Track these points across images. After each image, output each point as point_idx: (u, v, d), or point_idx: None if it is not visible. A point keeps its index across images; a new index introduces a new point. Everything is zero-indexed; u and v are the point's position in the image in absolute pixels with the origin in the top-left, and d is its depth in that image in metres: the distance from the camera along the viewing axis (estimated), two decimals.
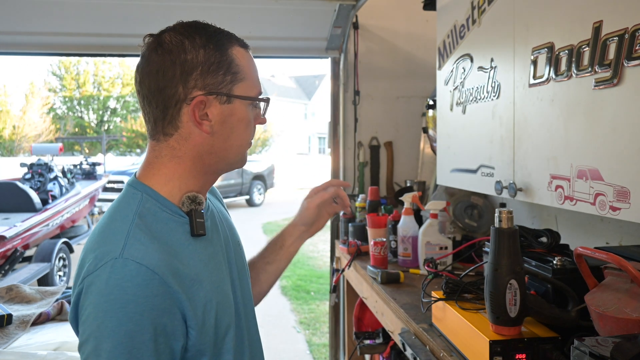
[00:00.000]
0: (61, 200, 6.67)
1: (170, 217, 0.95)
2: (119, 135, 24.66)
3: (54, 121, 25.91)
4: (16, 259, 5.40)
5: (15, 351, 1.78)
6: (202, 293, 0.92)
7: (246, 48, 1.02)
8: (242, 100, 0.98)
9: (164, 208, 0.95)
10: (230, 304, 1.00)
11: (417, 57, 3.08)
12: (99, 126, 27.51)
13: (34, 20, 2.66)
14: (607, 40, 1.15)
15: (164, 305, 0.85)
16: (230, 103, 0.97)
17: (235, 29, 1.06)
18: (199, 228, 0.96)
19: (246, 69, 0.99)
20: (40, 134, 24.10)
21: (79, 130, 26.95)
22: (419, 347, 1.40)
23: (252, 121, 1.03)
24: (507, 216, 1.10)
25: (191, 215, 0.96)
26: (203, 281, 0.93)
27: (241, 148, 1.02)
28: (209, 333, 0.93)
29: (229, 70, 0.96)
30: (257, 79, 1.03)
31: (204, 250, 0.97)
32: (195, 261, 0.94)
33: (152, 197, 0.95)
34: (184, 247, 0.93)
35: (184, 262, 0.91)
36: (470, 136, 1.86)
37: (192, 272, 0.92)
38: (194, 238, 0.96)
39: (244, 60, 0.99)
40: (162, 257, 0.88)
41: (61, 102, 27.62)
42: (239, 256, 1.13)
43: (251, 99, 1.00)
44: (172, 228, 0.94)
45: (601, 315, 1.02)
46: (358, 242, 2.38)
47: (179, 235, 0.94)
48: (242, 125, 1.00)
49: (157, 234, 0.91)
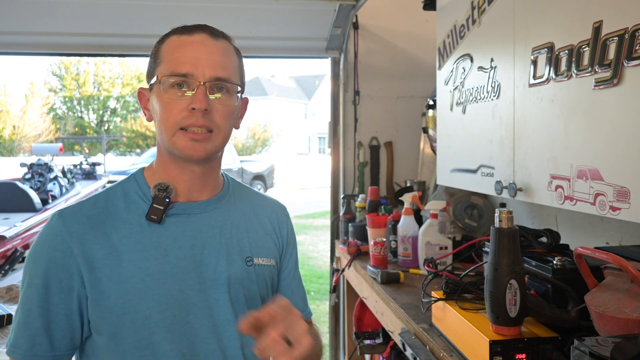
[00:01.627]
0: (61, 200, 6.68)
1: (140, 199, 1.03)
2: (119, 135, 24.67)
3: (54, 121, 25.93)
4: (16, 259, 5.40)
5: None
6: (114, 270, 0.96)
7: (181, 33, 1.00)
8: (159, 84, 0.99)
9: (139, 190, 1.04)
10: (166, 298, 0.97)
11: (417, 57, 3.08)
12: (99, 126, 27.53)
13: (34, 20, 2.66)
14: (607, 40, 1.15)
15: (62, 261, 0.95)
16: (153, 90, 1.01)
17: (235, 29, 1.06)
18: (153, 213, 1.00)
19: (165, 53, 1.00)
20: (40, 134, 24.11)
21: (79, 130, 26.97)
22: (419, 347, 1.40)
23: (177, 102, 0.97)
24: (507, 216, 1.10)
25: (153, 199, 1.01)
26: (124, 261, 0.96)
27: (168, 130, 0.98)
28: (110, 312, 0.95)
29: (152, 59, 1.03)
30: (178, 60, 0.98)
31: (151, 237, 1.00)
32: (130, 242, 0.98)
33: (137, 180, 1.06)
34: (127, 225, 0.99)
35: (111, 236, 0.97)
36: (470, 136, 1.86)
37: (113, 248, 0.97)
38: (147, 221, 1.00)
39: (168, 45, 1.01)
40: (87, 223, 0.98)
41: (61, 102, 27.64)
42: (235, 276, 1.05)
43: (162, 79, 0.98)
44: (132, 209, 1.02)
45: (601, 315, 1.02)
46: (358, 242, 2.38)
47: (134, 215, 1.01)
48: (160, 106, 0.99)
49: (108, 208, 1.01)
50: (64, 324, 0.95)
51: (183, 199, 1.05)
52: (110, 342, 0.96)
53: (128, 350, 0.96)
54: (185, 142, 0.97)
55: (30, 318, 0.94)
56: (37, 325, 0.94)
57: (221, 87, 0.99)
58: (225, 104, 1.00)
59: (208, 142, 0.99)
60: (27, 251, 5.60)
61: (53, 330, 0.94)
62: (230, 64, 1.01)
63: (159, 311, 0.96)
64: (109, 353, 0.97)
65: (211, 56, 0.98)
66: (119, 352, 0.96)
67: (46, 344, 0.94)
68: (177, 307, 0.98)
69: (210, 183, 1.08)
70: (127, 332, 0.96)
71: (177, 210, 1.03)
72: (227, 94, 1.01)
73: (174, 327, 0.98)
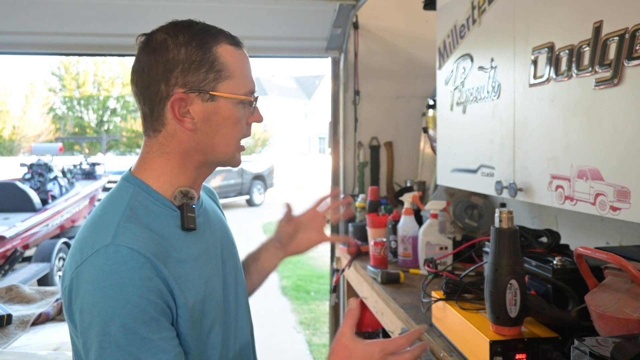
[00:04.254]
0: (61, 200, 6.67)
1: (162, 210, 0.96)
2: (119, 135, 24.68)
3: (54, 121, 25.93)
4: (16, 259, 5.40)
5: (15, 351, 1.78)
6: (190, 284, 0.93)
7: (236, 46, 1.00)
8: (228, 99, 0.97)
9: (156, 201, 0.96)
10: (218, 300, 1.01)
11: (417, 57, 3.08)
12: (99, 126, 27.53)
13: (34, 20, 2.66)
14: (608, 40, 1.15)
15: (159, 287, 0.87)
16: (214, 101, 0.96)
17: (235, 28, 1.06)
18: (190, 222, 0.97)
19: (232, 67, 0.98)
20: (40, 134, 24.12)
21: (79, 130, 26.96)
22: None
23: (242, 119, 1.00)
24: (507, 216, 1.10)
25: (182, 209, 0.97)
26: (191, 274, 0.94)
27: (229, 147, 1.00)
28: (196, 326, 0.94)
29: (212, 68, 0.96)
30: (248, 76, 1.01)
31: (194, 245, 0.98)
32: (184, 255, 0.95)
33: (145, 190, 0.97)
34: (175, 238, 0.95)
35: (176, 249, 0.93)
36: (471, 136, 1.86)
37: (182, 265, 0.94)
38: (184, 232, 0.97)
39: (231, 58, 0.98)
40: (153, 244, 0.89)
41: (61, 102, 27.64)
42: (233, 256, 1.12)
43: (237, 97, 0.98)
44: (163, 221, 0.95)
45: (601, 315, 1.02)
46: (358, 242, 2.38)
47: (170, 228, 0.95)
48: (229, 123, 0.98)
49: (149, 225, 0.92)
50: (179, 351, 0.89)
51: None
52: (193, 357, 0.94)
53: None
54: (240, 157, 1.05)
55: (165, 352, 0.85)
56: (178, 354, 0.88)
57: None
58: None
59: None
60: (27, 251, 5.62)
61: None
62: None
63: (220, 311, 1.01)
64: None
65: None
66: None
67: None
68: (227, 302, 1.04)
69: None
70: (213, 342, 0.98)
71: (198, 212, 1.03)
72: None
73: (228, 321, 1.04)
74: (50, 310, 2.12)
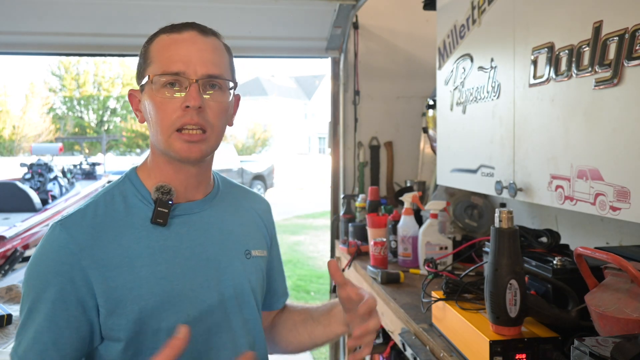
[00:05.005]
0: (61, 200, 6.68)
1: (140, 202, 1.01)
2: (119, 135, 24.67)
3: (54, 121, 25.93)
4: (16, 259, 5.40)
5: None
6: (128, 277, 0.94)
7: (171, 32, 0.99)
8: (150, 84, 0.98)
9: (137, 193, 1.02)
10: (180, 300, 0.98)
11: (417, 57, 3.08)
12: (99, 126, 27.52)
13: (34, 20, 2.66)
14: (607, 40, 1.15)
15: (70, 274, 0.92)
16: (144, 90, 1.00)
17: (235, 28, 1.06)
18: (158, 217, 0.99)
19: (155, 52, 0.99)
20: (40, 134, 24.12)
21: (79, 130, 26.95)
22: (419, 347, 1.40)
23: (169, 103, 0.96)
24: (507, 216, 1.10)
25: (155, 203, 1.00)
26: (136, 267, 0.95)
27: (164, 132, 0.97)
28: (127, 319, 0.94)
29: (142, 60, 1.01)
30: (169, 59, 0.97)
31: (159, 240, 0.99)
32: (139, 246, 0.97)
33: (132, 182, 1.04)
34: (133, 230, 0.98)
35: (120, 243, 0.96)
36: (471, 136, 1.86)
37: (124, 255, 0.95)
38: (152, 225, 0.99)
39: (158, 45, 0.99)
40: (92, 232, 0.95)
41: (61, 102, 27.62)
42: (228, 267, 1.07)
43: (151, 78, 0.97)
44: (133, 213, 1.00)
45: (601, 315, 1.02)
46: (358, 242, 2.38)
47: (137, 219, 0.99)
48: (153, 107, 0.98)
49: (110, 213, 0.98)
50: (74, 338, 0.93)
51: (181, 200, 1.05)
52: (128, 347, 0.96)
53: (146, 351, 0.96)
54: (181, 144, 0.97)
55: (38, 333, 0.91)
56: (45, 340, 0.91)
57: (214, 84, 0.99)
58: (218, 101, 0.99)
59: (203, 143, 0.98)
60: (27, 251, 5.63)
61: (63, 344, 0.93)
62: (221, 61, 1.01)
63: (174, 313, 0.97)
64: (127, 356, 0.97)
65: (202, 54, 0.98)
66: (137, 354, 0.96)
67: (56, 357, 0.92)
68: (189, 306, 0.99)
69: (204, 182, 1.08)
70: (145, 335, 0.96)
71: (178, 211, 1.03)
72: (220, 90, 1.00)
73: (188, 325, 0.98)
74: None
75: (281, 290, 1.29)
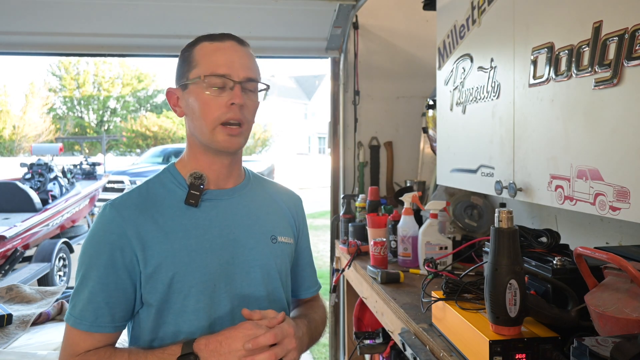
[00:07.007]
0: (61, 200, 6.67)
1: (176, 187, 1.18)
2: (119, 135, 24.68)
3: (54, 121, 25.92)
4: (16, 259, 5.40)
5: (15, 351, 1.78)
6: (164, 247, 1.10)
7: (213, 40, 1.15)
8: (196, 83, 1.13)
9: (174, 180, 1.19)
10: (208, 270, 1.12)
11: (417, 57, 3.08)
12: (99, 126, 27.52)
13: (34, 20, 2.66)
14: (607, 40, 1.16)
15: (119, 243, 1.09)
16: (187, 89, 1.15)
17: (235, 29, 1.11)
18: (191, 198, 1.15)
19: (200, 57, 1.14)
20: (40, 134, 24.11)
21: (79, 130, 26.96)
22: (419, 347, 1.40)
23: (214, 100, 1.12)
24: (507, 216, 1.10)
25: (189, 187, 1.16)
26: (171, 239, 1.11)
27: (207, 125, 1.13)
28: (162, 283, 1.09)
29: (185, 63, 1.16)
30: (214, 62, 1.13)
31: (191, 219, 1.15)
32: (174, 223, 1.13)
33: (170, 171, 1.20)
34: (169, 209, 1.14)
35: (158, 219, 1.12)
36: (470, 136, 1.86)
37: (161, 229, 1.11)
38: (185, 206, 1.15)
39: (202, 50, 1.15)
40: (136, 209, 1.12)
41: (61, 102, 27.64)
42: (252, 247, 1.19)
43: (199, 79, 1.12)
44: (172, 195, 1.16)
45: (601, 315, 1.02)
46: (358, 242, 2.38)
47: (173, 200, 1.15)
48: (199, 104, 1.13)
49: (151, 196, 1.15)
50: (122, 299, 1.10)
51: (213, 187, 1.20)
52: (158, 311, 1.11)
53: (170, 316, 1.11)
54: (224, 137, 1.13)
55: (93, 294, 1.08)
56: (99, 300, 1.08)
57: (251, 86, 1.16)
58: (253, 100, 1.17)
59: (240, 136, 1.15)
60: (27, 251, 5.63)
61: (114, 304, 1.09)
62: (255, 67, 1.18)
63: (202, 282, 1.12)
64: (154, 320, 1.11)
65: (242, 60, 1.15)
66: (162, 319, 1.11)
67: (108, 316, 1.08)
68: (217, 278, 1.13)
69: (235, 172, 1.23)
70: (175, 300, 1.10)
71: (209, 196, 1.18)
72: (255, 92, 1.18)
73: (213, 295, 1.13)
74: (50, 310, 2.13)
75: (310, 281, 1.43)
